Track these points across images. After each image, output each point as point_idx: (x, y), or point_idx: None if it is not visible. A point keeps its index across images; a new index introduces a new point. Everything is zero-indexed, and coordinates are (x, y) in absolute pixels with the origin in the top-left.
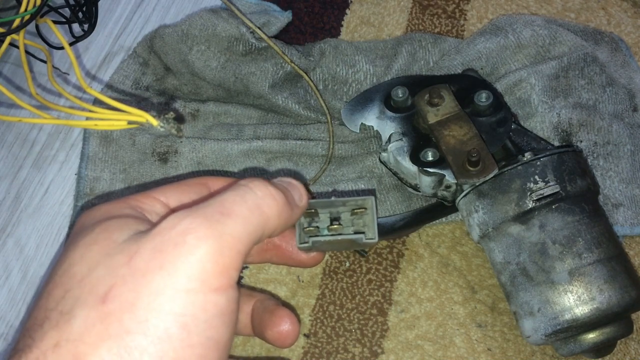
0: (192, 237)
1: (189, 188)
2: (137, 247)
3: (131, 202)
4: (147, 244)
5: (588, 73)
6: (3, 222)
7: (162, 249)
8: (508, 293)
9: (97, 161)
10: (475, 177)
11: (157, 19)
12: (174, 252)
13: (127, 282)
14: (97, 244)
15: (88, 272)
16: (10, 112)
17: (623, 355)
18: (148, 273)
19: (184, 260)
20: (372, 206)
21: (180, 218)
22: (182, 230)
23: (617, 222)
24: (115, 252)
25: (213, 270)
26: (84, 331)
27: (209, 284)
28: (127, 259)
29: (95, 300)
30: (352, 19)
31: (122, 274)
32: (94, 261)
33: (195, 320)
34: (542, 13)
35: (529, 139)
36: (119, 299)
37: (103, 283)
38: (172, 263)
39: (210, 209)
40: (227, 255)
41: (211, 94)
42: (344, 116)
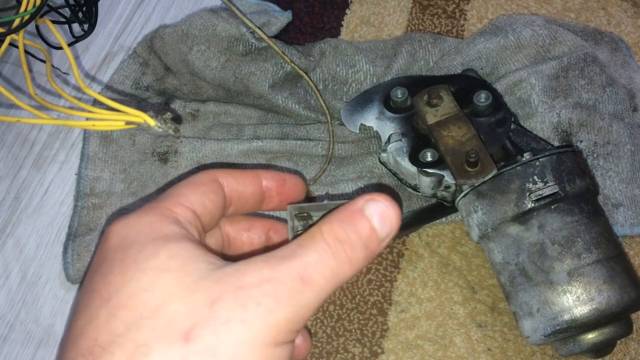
0: (273, 302)
1: (207, 188)
2: (218, 292)
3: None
4: (230, 294)
5: (588, 73)
6: (3, 222)
7: (245, 304)
8: (507, 293)
9: (97, 161)
10: (474, 177)
11: (157, 19)
12: (256, 311)
13: (210, 325)
14: (169, 273)
15: (164, 303)
16: (10, 112)
17: (623, 355)
18: (230, 322)
19: (264, 319)
20: None
21: (263, 279)
22: (264, 292)
23: (617, 222)
24: (194, 289)
25: (285, 331)
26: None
27: (278, 340)
28: (209, 303)
29: (176, 336)
30: (352, 19)
31: (204, 316)
32: (170, 293)
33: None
34: (542, 13)
35: (528, 139)
36: (202, 342)
37: (184, 320)
38: (252, 319)
39: (292, 272)
40: (297, 322)
41: (211, 94)
42: (344, 117)
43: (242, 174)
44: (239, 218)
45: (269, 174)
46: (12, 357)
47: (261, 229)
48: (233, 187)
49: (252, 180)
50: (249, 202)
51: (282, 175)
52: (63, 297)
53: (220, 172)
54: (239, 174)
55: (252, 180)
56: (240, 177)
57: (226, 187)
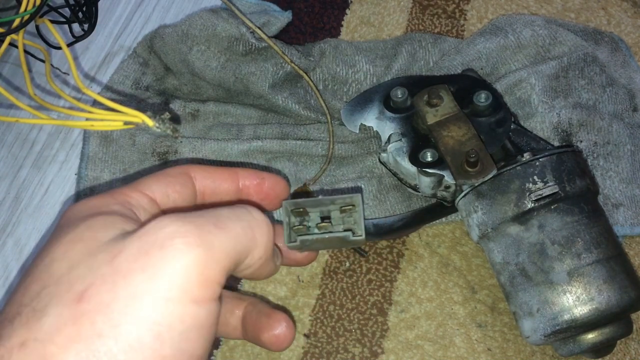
0: (180, 241)
1: (173, 179)
2: (122, 247)
3: (118, 197)
4: (133, 243)
5: (588, 73)
6: (3, 222)
7: (147, 250)
8: (507, 293)
9: (97, 161)
10: (473, 177)
11: (157, 19)
12: (159, 256)
13: (106, 282)
14: (81, 241)
15: (68, 270)
16: (10, 112)
17: (623, 355)
18: (129, 275)
19: (168, 265)
20: (359, 204)
21: (171, 220)
22: (171, 232)
23: (617, 222)
24: (99, 251)
25: (197, 280)
26: (54, 331)
27: (190, 294)
28: (110, 258)
29: (70, 299)
30: (352, 19)
31: (102, 273)
32: (76, 259)
33: (171, 330)
34: (542, 13)
35: (528, 139)
36: (95, 300)
37: (81, 282)
38: (155, 267)
39: (203, 219)
40: (213, 268)
41: (211, 94)
42: (344, 117)
43: (216, 170)
44: None
45: (246, 172)
46: None
47: None
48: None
49: (228, 177)
50: (223, 199)
51: (261, 174)
52: None
53: (193, 167)
54: (214, 170)
55: (227, 177)
56: (214, 173)
57: (198, 182)
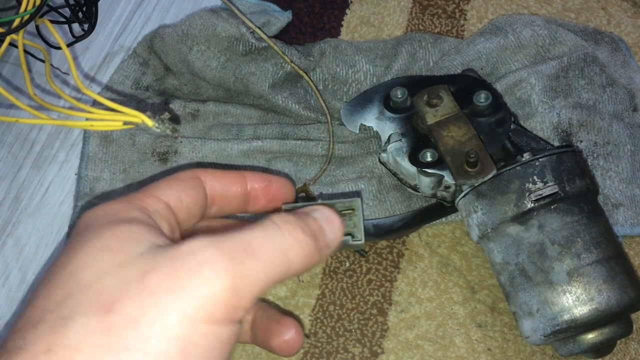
0: (209, 268)
1: (185, 184)
2: (152, 265)
3: (136, 203)
4: (164, 263)
5: (588, 73)
6: (3, 222)
7: (177, 272)
8: (507, 293)
9: (97, 161)
10: (473, 177)
11: (157, 19)
12: (189, 279)
13: (135, 297)
14: (109, 251)
15: (95, 279)
16: (10, 112)
17: (623, 355)
18: (158, 293)
19: (197, 289)
20: (359, 208)
21: (202, 245)
22: (202, 259)
23: (617, 222)
24: (129, 264)
25: (223, 306)
26: (81, 339)
27: (216, 316)
28: (140, 275)
29: (98, 309)
30: (352, 19)
31: (132, 288)
32: (104, 269)
33: (196, 347)
34: (542, 13)
35: (528, 139)
36: (124, 313)
37: (110, 293)
38: (184, 289)
39: (235, 244)
40: (240, 297)
41: (211, 94)
42: (344, 117)
43: (225, 173)
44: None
45: (254, 175)
46: None
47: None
48: (215, 186)
49: (236, 181)
50: (232, 202)
51: (268, 176)
52: None
53: (202, 170)
54: (222, 173)
55: (235, 180)
56: (223, 177)
57: (208, 185)
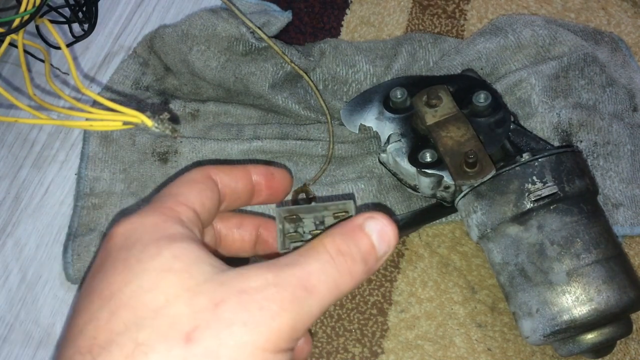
0: (276, 306)
1: (203, 185)
2: (222, 296)
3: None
4: (234, 297)
5: (588, 73)
6: (3, 222)
7: (248, 308)
8: (507, 293)
9: (97, 161)
10: (472, 178)
11: (157, 19)
12: (259, 315)
13: (212, 328)
14: (172, 273)
15: (166, 304)
16: (10, 112)
17: (623, 355)
18: (232, 325)
19: (266, 324)
20: (353, 210)
21: (267, 284)
22: (268, 297)
23: (617, 222)
24: (198, 291)
25: (286, 337)
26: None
27: (279, 346)
28: (213, 305)
29: (177, 337)
30: (352, 19)
31: (207, 319)
32: (172, 294)
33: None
34: (542, 13)
35: (528, 139)
36: (204, 343)
37: (186, 321)
38: (255, 323)
39: (295, 279)
40: (299, 330)
41: (211, 94)
42: (343, 117)
43: (232, 169)
44: (229, 215)
45: (258, 169)
46: (12, 358)
47: (251, 226)
48: (226, 183)
49: (243, 175)
50: (241, 197)
51: (271, 169)
52: (63, 297)
53: (212, 168)
54: (230, 169)
55: (242, 175)
56: (232, 173)
57: (220, 183)
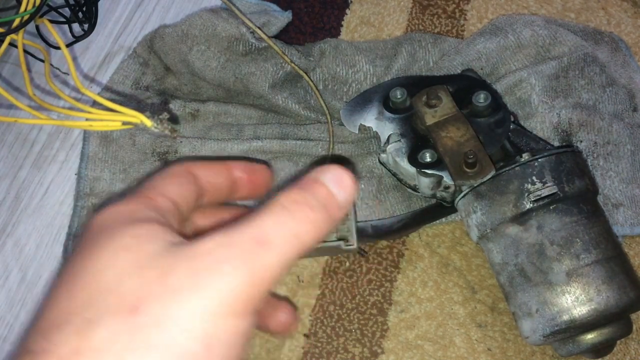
0: (227, 266)
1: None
2: (171, 265)
3: (148, 203)
4: (182, 264)
5: (588, 73)
6: (3, 222)
7: (197, 272)
8: (507, 294)
9: (97, 161)
10: (472, 178)
11: (157, 19)
12: (208, 277)
13: (159, 297)
14: (127, 251)
15: (116, 281)
16: (10, 112)
17: (623, 355)
18: (180, 292)
19: (217, 286)
20: (352, 212)
21: (217, 245)
22: (218, 257)
23: (617, 222)
24: (148, 265)
25: (242, 299)
26: (108, 340)
27: (236, 310)
28: (161, 274)
29: (124, 310)
30: (352, 19)
31: (154, 288)
32: (125, 271)
33: (219, 342)
34: (542, 13)
35: (528, 139)
36: (149, 313)
37: (133, 294)
38: (204, 287)
39: (247, 236)
40: (257, 287)
41: (211, 94)
42: (343, 117)
43: (212, 164)
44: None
45: (240, 165)
46: None
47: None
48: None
49: (223, 170)
50: (222, 192)
51: (252, 166)
52: None
53: (192, 163)
54: (210, 164)
55: (222, 170)
56: (212, 168)
57: (201, 178)
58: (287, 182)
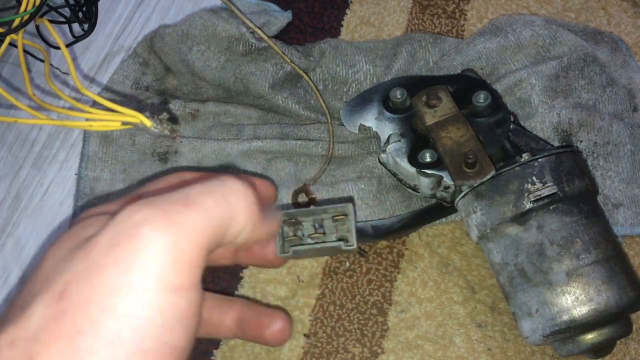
0: (147, 228)
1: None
2: (95, 241)
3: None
4: (104, 236)
5: (588, 73)
6: (3, 222)
7: (117, 242)
8: (507, 294)
9: (97, 161)
10: (472, 178)
11: (157, 19)
12: (129, 246)
13: (83, 278)
14: (69, 240)
15: (54, 267)
16: (10, 112)
17: (623, 355)
18: (104, 269)
19: (140, 254)
20: (351, 213)
21: (137, 208)
22: (138, 220)
23: (617, 222)
24: (78, 246)
25: (172, 266)
26: (39, 329)
27: (168, 282)
28: (85, 254)
29: (52, 297)
30: (352, 19)
31: (79, 269)
32: (61, 257)
33: (151, 323)
34: (542, 13)
35: (528, 139)
36: (74, 296)
37: (61, 279)
38: (127, 259)
39: (171, 199)
40: (187, 250)
41: (211, 94)
42: (343, 117)
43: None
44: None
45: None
46: None
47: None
48: None
49: None
50: None
51: (251, 179)
52: None
53: (187, 174)
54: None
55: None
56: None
57: None
58: (287, 182)
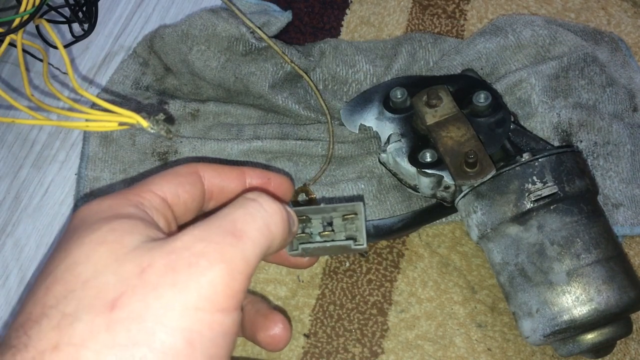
0: (205, 260)
1: (184, 179)
2: (150, 260)
3: (132, 198)
4: (161, 259)
5: (588, 73)
6: (3, 222)
7: (175, 267)
8: (507, 293)
9: (97, 161)
10: (472, 178)
11: (157, 19)
12: (187, 272)
13: (137, 293)
14: (105, 245)
15: (94, 275)
16: (9, 112)
17: (623, 355)
18: (159, 287)
19: (196, 280)
20: (362, 212)
21: (194, 240)
22: (196, 252)
23: (617, 222)
24: (126, 259)
25: (223, 292)
26: (88, 336)
27: (218, 304)
28: (139, 271)
29: (102, 306)
30: (352, 19)
31: (133, 284)
32: (102, 264)
33: (201, 337)
34: (542, 13)
35: (528, 139)
36: (128, 309)
37: (112, 290)
38: (184, 282)
39: (222, 229)
40: (237, 279)
41: (211, 94)
42: (343, 117)
43: (225, 169)
44: None
45: (254, 172)
46: None
47: None
48: (214, 181)
49: (236, 177)
50: (231, 197)
51: (267, 173)
52: None
53: (202, 165)
54: (222, 168)
55: (235, 176)
56: (223, 172)
57: (206, 180)
58: None
